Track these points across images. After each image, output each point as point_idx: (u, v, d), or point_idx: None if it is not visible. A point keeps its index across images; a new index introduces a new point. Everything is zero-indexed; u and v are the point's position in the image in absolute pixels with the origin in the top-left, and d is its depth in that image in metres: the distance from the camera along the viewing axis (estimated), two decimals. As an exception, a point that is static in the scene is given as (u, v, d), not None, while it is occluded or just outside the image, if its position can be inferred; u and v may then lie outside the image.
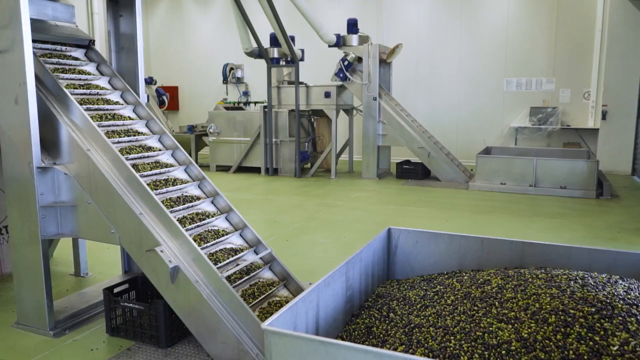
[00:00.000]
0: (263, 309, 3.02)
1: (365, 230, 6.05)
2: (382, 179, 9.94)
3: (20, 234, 3.30)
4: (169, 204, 3.19)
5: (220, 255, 3.13)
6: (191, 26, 14.59)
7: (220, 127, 10.78)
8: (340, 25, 10.84)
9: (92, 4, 12.60)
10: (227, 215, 3.46)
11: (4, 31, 3.08)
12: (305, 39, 11.60)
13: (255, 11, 10.33)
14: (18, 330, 3.40)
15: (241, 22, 9.79)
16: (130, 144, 3.46)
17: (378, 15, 12.38)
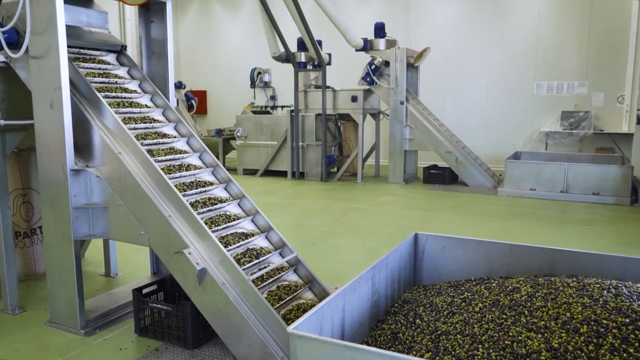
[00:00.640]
0: (288, 311, 3.03)
1: (392, 235, 6.01)
2: (409, 183, 9.87)
3: (53, 235, 3.39)
4: (195, 205, 3.24)
5: (245, 257, 3.15)
6: (220, 31, 14.78)
7: (248, 131, 10.87)
8: (368, 29, 10.81)
9: (124, 10, 12.89)
10: (253, 218, 3.49)
11: (41, 37, 3.18)
12: (332, 43, 11.61)
13: (283, 16, 10.40)
14: (51, 328, 3.49)
15: (269, 27, 9.87)
16: (159, 147, 3.53)
17: (406, 19, 12.32)
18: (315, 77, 10.81)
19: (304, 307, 3.11)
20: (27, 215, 4.36)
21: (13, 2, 3.27)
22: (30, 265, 4.44)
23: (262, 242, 3.40)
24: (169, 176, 3.24)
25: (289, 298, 3.11)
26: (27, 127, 3.63)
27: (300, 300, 3.18)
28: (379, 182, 9.99)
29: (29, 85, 3.36)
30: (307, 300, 3.21)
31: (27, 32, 3.16)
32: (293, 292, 3.18)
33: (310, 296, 3.27)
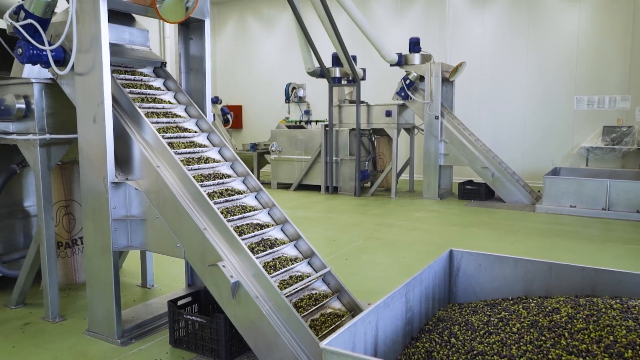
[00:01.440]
0: (315, 320, 3.03)
1: (426, 251, 5.93)
2: (444, 199, 9.74)
3: (94, 245, 3.48)
4: (227, 214, 3.27)
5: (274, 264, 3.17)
6: (256, 47, 15.04)
7: (282, 145, 10.97)
8: (402, 44, 10.82)
9: (164, 28, 13.28)
10: (283, 227, 3.52)
11: (86, 55, 3.31)
12: (366, 58, 11.66)
13: (318, 32, 10.52)
14: (89, 337, 3.57)
15: (304, 43, 9.99)
16: (193, 156, 3.60)
17: (441, 34, 12.27)
18: (349, 92, 10.85)
19: (332, 316, 3.12)
20: (69, 226, 4.50)
21: (61, 22, 3.42)
22: (71, 274, 4.57)
23: (291, 251, 3.41)
24: (201, 185, 3.30)
25: (317, 307, 3.11)
26: (71, 140, 3.77)
27: (328, 310, 3.18)
28: (413, 198, 9.90)
29: (74, 100, 3.49)
30: (334, 309, 3.21)
31: (74, 50, 3.29)
32: (321, 301, 3.18)
33: (338, 305, 3.26)
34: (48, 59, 3.35)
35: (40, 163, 3.66)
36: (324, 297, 3.23)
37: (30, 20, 3.25)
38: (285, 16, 14.05)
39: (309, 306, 3.08)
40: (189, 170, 3.34)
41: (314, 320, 3.04)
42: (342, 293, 3.31)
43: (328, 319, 3.09)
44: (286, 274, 3.21)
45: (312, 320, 3.03)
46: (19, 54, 3.32)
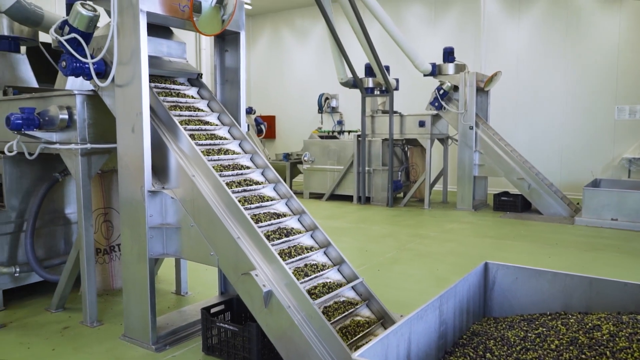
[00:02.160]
0: (344, 327, 3.02)
1: (460, 263, 5.83)
2: (478, 210, 9.57)
3: (130, 252, 3.56)
4: (258, 221, 3.30)
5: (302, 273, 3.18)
6: (289, 58, 15.20)
7: (315, 155, 11.02)
8: (436, 54, 10.74)
9: (200, 40, 13.57)
10: (312, 233, 3.53)
11: (126, 67, 3.41)
12: (399, 68, 11.63)
13: (351, 42, 10.56)
14: (124, 342, 3.64)
15: (337, 53, 10.04)
16: (226, 163, 3.65)
17: (476, 43, 12.14)
18: (382, 102, 10.83)
19: (361, 324, 3.10)
20: (107, 233, 4.61)
21: (102, 36, 3.54)
22: (109, 280, 4.68)
23: (320, 258, 3.41)
24: (233, 192, 3.34)
25: (346, 314, 3.10)
26: (111, 150, 3.88)
27: (358, 317, 3.16)
28: (446, 209, 9.77)
29: (114, 111, 3.60)
30: (364, 317, 3.19)
31: (114, 63, 3.40)
32: (350, 308, 3.16)
33: (367, 313, 3.24)
34: (90, 72, 3.46)
35: (81, 172, 3.78)
36: (353, 305, 3.21)
37: (74, 34, 3.37)
38: (319, 27, 14.17)
39: (338, 313, 3.07)
40: (221, 177, 3.39)
41: (343, 327, 3.03)
42: (372, 301, 3.29)
43: (357, 327, 3.08)
44: (316, 280, 3.21)
45: (342, 327, 3.02)
46: (63, 66, 3.45)
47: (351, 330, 3.04)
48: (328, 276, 3.31)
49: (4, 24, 4.53)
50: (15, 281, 4.34)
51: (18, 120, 3.66)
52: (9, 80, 4.62)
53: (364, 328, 3.09)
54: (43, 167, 4.46)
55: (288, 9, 14.97)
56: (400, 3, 13.09)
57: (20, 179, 4.37)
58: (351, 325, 3.08)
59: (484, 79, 9.66)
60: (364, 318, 3.20)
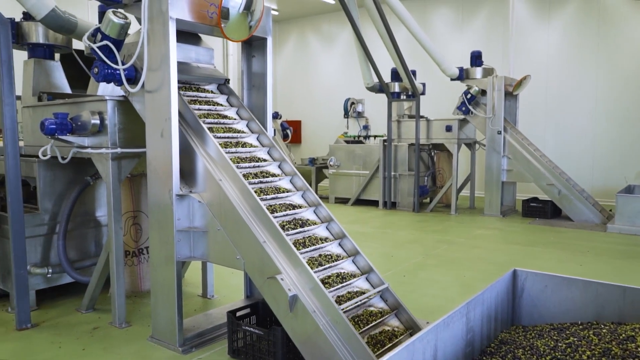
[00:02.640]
0: (372, 336, 3.00)
1: (487, 270, 5.74)
2: (506, 216, 9.41)
3: (158, 255, 3.62)
4: (285, 227, 3.31)
5: (331, 280, 3.17)
6: (315, 63, 15.26)
7: (340, 160, 11.01)
8: (463, 57, 10.65)
9: (227, 46, 13.74)
10: (341, 242, 3.52)
11: (155, 73, 3.47)
12: (426, 73, 11.55)
13: (377, 47, 10.54)
14: (152, 343, 3.70)
15: (363, 58, 10.04)
16: (253, 170, 3.67)
17: (504, 47, 11.98)
18: (408, 106, 10.77)
19: (389, 334, 3.07)
20: (136, 235, 4.70)
21: (133, 43, 3.62)
22: (137, 282, 4.76)
23: (349, 266, 3.40)
24: (260, 198, 3.36)
25: (374, 323, 3.08)
26: (140, 154, 3.96)
27: (386, 327, 3.14)
28: (473, 215, 9.64)
29: (143, 116, 3.67)
30: (392, 327, 3.16)
31: (144, 69, 3.47)
32: (379, 317, 3.14)
33: (396, 323, 3.21)
34: (121, 78, 3.54)
35: (112, 175, 3.86)
36: (382, 314, 3.19)
37: (106, 41, 3.45)
38: (345, 32, 14.19)
39: (366, 322, 3.06)
40: (249, 184, 3.41)
41: (371, 337, 3.01)
42: (400, 310, 3.26)
43: (385, 337, 3.05)
44: (344, 289, 3.21)
45: (369, 336, 3.00)
46: (95, 73, 3.53)
47: (379, 339, 3.02)
48: (356, 284, 3.30)
49: (40, 32, 4.67)
50: (47, 282, 4.45)
51: (52, 125, 3.76)
52: (44, 86, 4.76)
53: (392, 338, 3.06)
54: (75, 171, 4.57)
55: (314, 14, 15.04)
56: (427, 6, 13.01)
57: (54, 182, 4.49)
58: (379, 335, 3.05)
59: (513, 83, 9.52)
60: (392, 327, 3.17)
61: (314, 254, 3.32)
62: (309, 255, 3.28)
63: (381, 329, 3.10)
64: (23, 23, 4.66)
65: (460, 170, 10.46)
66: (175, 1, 3.36)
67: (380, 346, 2.96)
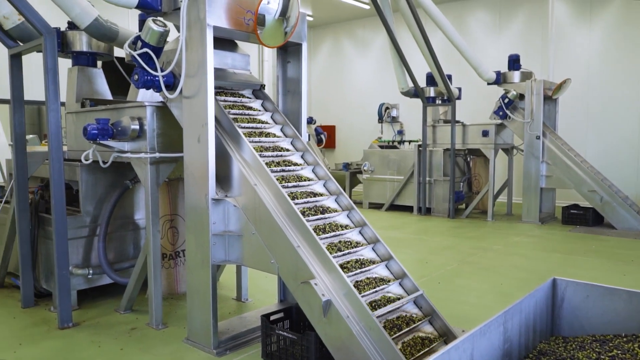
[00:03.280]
0: (405, 343, 2.97)
1: (525, 278, 5.60)
2: (545, 223, 9.17)
3: (194, 258, 3.68)
4: (318, 232, 3.32)
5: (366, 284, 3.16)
6: (350, 68, 15.27)
7: (374, 165, 10.97)
8: (501, 61, 10.45)
9: (262, 52, 13.90)
10: (374, 246, 3.51)
11: (193, 79, 3.54)
12: (462, 77, 11.40)
13: (412, 51, 10.47)
14: (187, 345, 3.75)
15: (398, 63, 9.98)
16: (287, 174, 3.70)
17: (543, 49, 11.71)
18: (444, 111, 10.65)
19: (423, 340, 3.04)
20: (172, 238, 4.79)
21: (172, 50, 3.70)
22: (173, 285, 4.85)
23: (381, 271, 3.38)
24: (294, 202, 3.37)
25: (408, 329, 3.04)
26: (177, 159, 4.04)
27: (419, 333, 3.10)
28: (511, 221, 9.43)
29: (181, 122, 3.74)
30: (426, 333, 3.12)
31: (182, 75, 3.54)
32: (412, 323, 3.10)
33: (430, 329, 3.17)
34: (160, 84, 3.62)
35: (150, 179, 3.95)
36: (415, 320, 3.16)
37: (146, 49, 3.55)
38: (379, 37, 14.16)
39: (399, 328, 3.03)
40: (283, 187, 3.43)
41: (405, 343, 2.98)
42: (434, 317, 3.22)
43: (419, 343, 3.02)
44: (377, 294, 3.18)
45: (403, 342, 2.97)
46: (135, 79, 3.63)
47: (412, 345, 2.98)
48: (389, 290, 3.27)
49: (83, 41, 4.83)
50: (88, 282, 4.59)
51: (94, 130, 3.88)
52: (87, 92, 4.92)
53: (425, 345, 3.02)
54: (115, 175, 4.70)
55: (349, 20, 15.06)
56: (464, 10, 12.85)
57: (95, 186, 4.62)
58: (412, 341, 3.02)
59: (552, 86, 9.29)
60: (426, 334, 3.13)
61: (348, 259, 3.31)
62: (343, 259, 3.27)
63: (415, 335, 3.07)
64: (68, 32, 4.83)
65: (497, 176, 10.25)
66: (212, 9, 3.42)
67: (414, 352, 2.92)
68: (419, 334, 3.10)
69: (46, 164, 4.46)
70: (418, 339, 3.05)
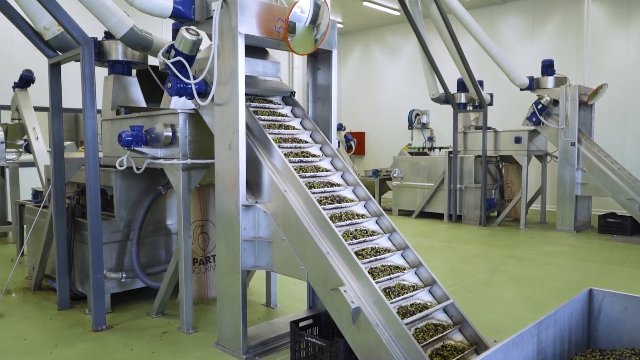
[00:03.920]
0: (435, 351, 2.93)
1: (560, 288, 5.45)
2: (581, 232, 8.92)
3: (225, 263, 3.71)
4: (347, 238, 3.30)
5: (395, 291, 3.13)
6: (379, 75, 15.23)
7: (404, 171, 10.89)
8: (534, 67, 10.27)
9: (292, 59, 13.99)
10: (403, 253, 3.48)
11: (224, 87, 3.59)
12: (494, 83, 11.24)
13: (443, 57, 10.38)
14: (217, 350, 3.79)
15: (428, 69, 9.91)
16: (316, 180, 3.70)
17: (578, 55, 11.44)
18: (475, 117, 10.51)
19: (453, 348, 2.99)
20: (203, 244, 4.85)
21: (204, 58, 3.77)
22: (204, 289, 4.90)
23: (411, 277, 3.35)
24: (323, 208, 3.37)
25: (437, 337, 3.00)
26: (208, 165, 4.10)
27: (449, 341, 3.05)
28: (544, 230, 9.21)
29: (212, 128, 3.80)
30: (456, 342, 3.07)
31: (214, 83, 3.60)
32: (442, 331, 3.06)
33: (460, 338, 3.11)
34: (192, 91, 3.69)
35: (182, 185, 4.02)
36: (445, 328, 3.11)
37: (179, 57, 3.62)
38: (410, 43, 14.09)
39: (429, 336, 2.99)
40: (312, 193, 3.44)
41: (434, 351, 2.93)
42: (465, 325, 3.16)
43: (448, 352, 2.97)
44: (406, 300, 3.15)
45: (432, 350, 2.93)
46: (169, 87, 3.70)
47: (442, 354, 2.94)
48: (419, 297, 3.24)
49: (119, 50, 4.97)
50: (121, 286, 4.68)
51: (128, 137, 3.97)
52: (122, 100, 5.05)
53: (456, 353, 2.98)
54: (148, 181, 4.80)
55: (379, 26, 15.04)
56: (496, 15, 12.68)
57: (129, 191, 4.73)
58: (442, 349, 2.98)
59: (588, 92, 9.07)
60: (456, 342, 3.08)
61: (376, 264, 3.29)
62: (371, 265, 3.25)
63: (444, 343, 3.02)
64: (104, 42, 4.98)
65: (530, 183, 10.05)
66: (244, 17, 3.47)
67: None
68: (449, 342, 3.06)
69: (82, 169, 4.59)
70: (448, 347, 3.00)
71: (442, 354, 2.93)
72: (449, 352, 2.97)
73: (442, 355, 2.92)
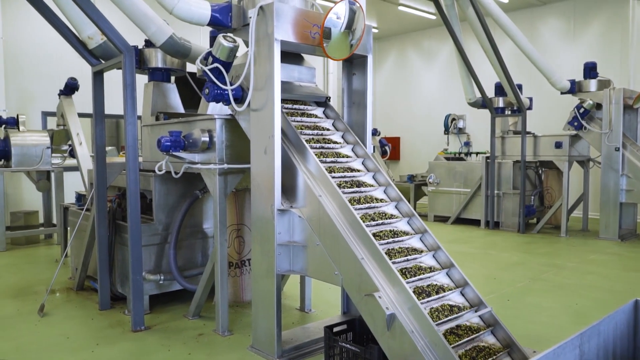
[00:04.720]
0: (466, 352, 2.88)
1: (603, 299, 5.27)
2: (626, 241, 8.60)
3: (260, 267, 3.74)
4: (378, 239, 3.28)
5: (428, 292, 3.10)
6: (415, 80, 15.11)
7: (440, 177, 10.76)
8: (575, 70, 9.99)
9: (327, 64, 14.04)
10: (435, 254, 3.45)
11: (260, 92, 3.64)
12: (533, 87, 11.00)
13: (480, 61, 10.23)
14: (251, 353, 3.82)
15: (465, 73, 9.78)
16: (348, 180, 3.70)
17: (623, 57, 11.07)
18: (513, 122, 10.29)
19: (485, 350, 2.94)
20: (239, 248, 4.91)
21: (240, 64, 3.82)
22: (239, 293, 4.96)
23: (442, 279, 3.31)
24: (355, 208, 3.36)
25: (469, 338, 2.95)
26: (244, 170, 4.14)
27: (481, 344, 3.00)
28: (586, 238, 8.92)
29: (248, 134, 3.84)
30: (488, 344, 3.01)
31: (250, 89, 3.65)
32: (474, 332, 3.02)
33: (492, 340, 3.05)
34: (229, 97, 3.74)
35: (219, 190, 4.08)
36: (477, 330, 3.05)
37: (217, 64, 3.68)
38: (446, 48, 13.94)
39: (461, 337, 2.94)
40: (344, 194, 3.44)
41: (466, 354, 2.88)
42: (497, 328, 3.10)
43: (481, 355, 2.91)
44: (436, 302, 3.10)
45: (464, 352, 2.88)
46: (206, 93, 3.77)
47: (474, 357, 2.88)
48: (450, 298, 3.19)
49: (159, 57, 5.10)
50: (159, 288, 4.78)
51: (167, 142, 4.06)
52: (161, 106, 5.17)
53: (486, 354, 2.91)
54: (186, 185, 4.89)
55: (414, 31, 14.94)
56: (535, 17, 12.41)
57: (167, 195, 4.83)
58: (472, 350, 2.92)
59: (633, 95, 8.75)
60: (488, 344, 3.02)
61: (408, 265, 3.26)
62: (402, 266, 3.23)
63: (476, 345, 2.96)
64: (144, 50, 5.12)
65: (572, 190, 9.76)
66: (280, 24, 3.50)
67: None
68: (481, 344, 3.00)
69: (123, 174, 4.72)
70: (480, 349, 2.94)
71: (475, 358, 2.87)
72: (482, 355, 2.90)
73: (474, 358, 2.87)
